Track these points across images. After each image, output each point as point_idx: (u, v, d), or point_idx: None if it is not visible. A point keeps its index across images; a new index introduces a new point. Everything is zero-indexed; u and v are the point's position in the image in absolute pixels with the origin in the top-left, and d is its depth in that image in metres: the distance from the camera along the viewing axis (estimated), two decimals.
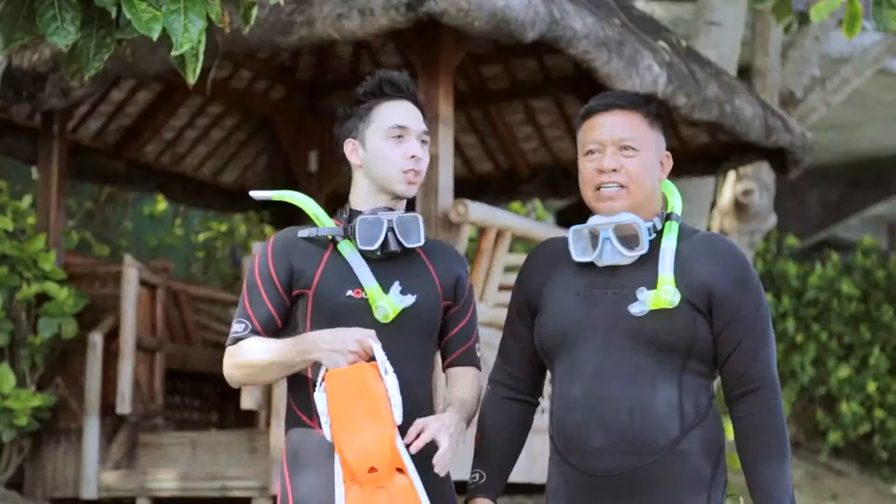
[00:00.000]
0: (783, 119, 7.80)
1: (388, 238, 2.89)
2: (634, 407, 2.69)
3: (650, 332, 2.71)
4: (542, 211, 11.59)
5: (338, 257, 2.90)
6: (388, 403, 2.68)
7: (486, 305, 6.76)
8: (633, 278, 2.75)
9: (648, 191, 2.79)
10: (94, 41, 2.98)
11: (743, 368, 2.72)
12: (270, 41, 6.16)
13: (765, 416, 2.70)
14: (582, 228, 2.80)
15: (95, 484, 6.94)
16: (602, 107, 2.82)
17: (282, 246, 2.92)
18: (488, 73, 8.44)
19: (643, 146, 2.79)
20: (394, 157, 2.93)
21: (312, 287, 2.88)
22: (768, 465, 2.68)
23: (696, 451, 2.70)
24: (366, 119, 2.96)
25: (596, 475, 2.72)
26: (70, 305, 7.02)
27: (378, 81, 2.97)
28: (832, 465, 11.65)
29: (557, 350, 2.81)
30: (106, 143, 8.52)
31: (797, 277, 11.67)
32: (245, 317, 2.90)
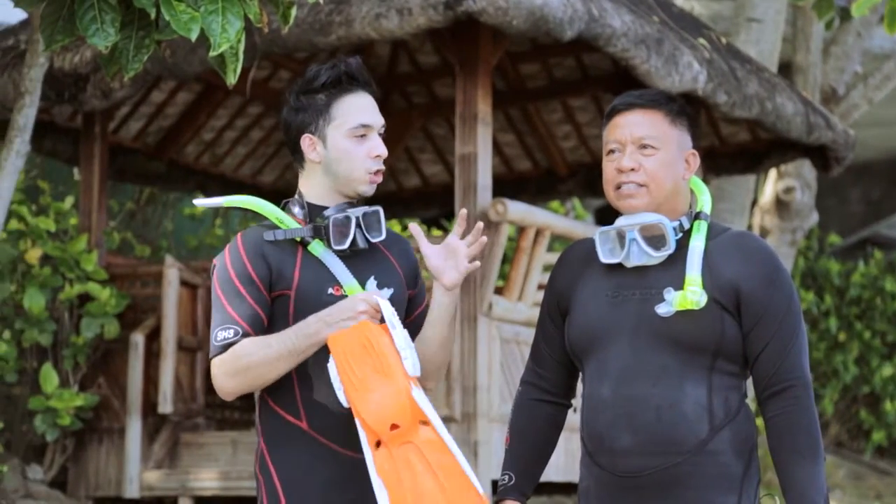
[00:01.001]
0: (825, 116, 7.74)
1: (356, 235, 2.82)
2: (662, 407, 2.68)
3: (677, 333, 2.69)
4: (581, 210, 11.56)
5: (310, 256, 2.82)
6: (398, 357, 2.63)
7: (525, 304, 6.75)
8: (660, 278, 2.74)
9: (670, 189, 2.77)
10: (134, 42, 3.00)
11: (773, 368, 2.70)
12: (309, 41, 6.18)
13: (796, 415, 2.68)
14: (609, 230, 2.80)
15: (138, 483, 6.99)
16: (623, 106, 2.81)
17: (254, 246, 2.80)
18: (526, 72, 8.42)
19: (663, 144, 2.77)
20: (359, 157, 2.83)
21: (293, 287, 2.79)
22: (800, 465, 2.65)
23: (727, 450, 2.68)
24: (325, 115, 2.83)
25: (624, 476, 2.71)
26: (112, 306, 7.07)
27: (337, 74, 2.83)
28: (876, 465, 11.54)
29: (586, 351, 2.80)
30: (146, 143, 8.57)
31: (839, 275, 11.58)
32: (230, 321, 2.75)
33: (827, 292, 11.49)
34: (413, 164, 9.57)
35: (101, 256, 7.36)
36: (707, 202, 2.86)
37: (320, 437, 2.78)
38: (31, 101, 6.19)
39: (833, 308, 11.41)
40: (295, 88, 2.89)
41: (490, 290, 6.43)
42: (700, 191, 2.90)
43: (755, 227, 9.65)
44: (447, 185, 9.29)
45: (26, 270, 7.06)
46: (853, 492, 10.59)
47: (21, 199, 7.48)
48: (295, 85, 2.90)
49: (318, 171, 2.87)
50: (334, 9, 6.08)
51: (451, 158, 9.25)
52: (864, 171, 14.08)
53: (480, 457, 6.29)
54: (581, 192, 9.29)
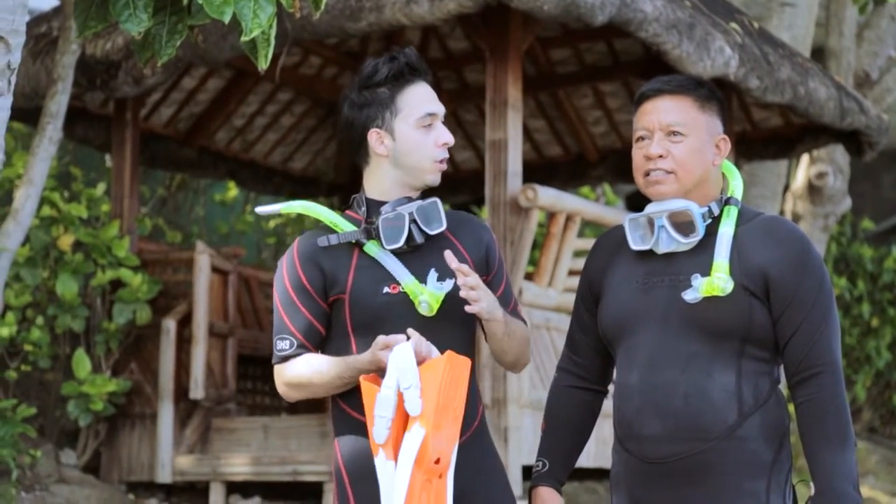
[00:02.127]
0: (858, 101, 7.68)
1: (412, 230, 2.81)
2: (689, 393, 2.67)
3: (705, 319, 2.68)
4: (612, 195, 11.52)
5: (366, 257, 2.83)
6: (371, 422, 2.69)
7: (555, 290, 6.74)
8: (689, 265, 2.73)
9: (698, 175, 2.75)
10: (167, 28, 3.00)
11: (803, 353, 2.68)
12: (339, 27, 6.17)
13: (825, 401, 2.66)
14: (638, 217, 2.79)
15: (170, 468, 7.03)
16: (651, 92, 2.80)
17: (308, 254, 2.84)
18: (557, 57, 8.39)
19: (691, 131, 2.75)
20: (428, 146, 2.85)
21: (347, 291, 2.81)
22: (829, 451, 2.64)
23: (756, 436, 2.67)
24: (391, 107, 2.84)
25: (653, 462, 2.70)
26: (144, 292, 7.11)
27: (399, 66, 2.84)
28: None
29: (617, 338, 2.80)
30: (177, 130, 8.60)
31: (872, 261, 11.50)
32: (287, 332, 2.85)
33: (860, 278, 11.41)
34: None
35: (133, 243, 7.39)
36: (738, 187, 2.84)
37: None
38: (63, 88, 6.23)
39: (866, 293, 11.34)
40: (354, 84, 2.90)
41: (520, 276, 6.42)
42: (732, 176, 2.88)
43: (787, 213, 9.59)
44: (477, 172, 9.29)
45: (59, 257, 7.11)
46: (886, 477, 10.53)
47: (53, 186, 7.52)
48: (353, 81, 2.91)
49: (384, 164, 2.88)
50: None
51: (481, 144, 9.24)
52: None
53: (511, 442, 6.29)
54: (612, 177, 9.26)
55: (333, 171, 9.36)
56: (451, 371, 2.70)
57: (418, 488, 2.63)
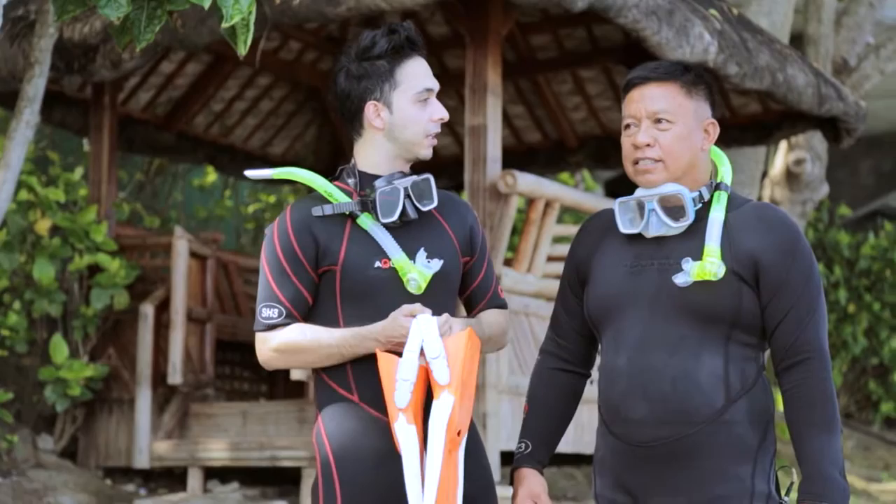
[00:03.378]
0: (836, 87, 7.70)
1: (406, 205, 2.82)
2: (677, 377, 2.68)
3: (694, 303, 2.69)
4: (591, 181, 11.53)
5: (359, 230, 2.82)
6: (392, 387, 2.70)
7: (534, 276, 6.75)
8: (679, 249, 2.73)
9: (687, 161, 2.76)
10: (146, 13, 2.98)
11: (791, 339, 2.69)
12: (319, 12, 6.15)
13: (812, 387, 2.67)
14: (628, 200, 2.79)
15: (147, 453, 7.02)
16: (638, 79, 2.79)
17: (302, 222, 2.81)
18: (537, 43, 8.39)
19: (678, 118, 2.75)
20: (423, 121, 2.85)
21: (339, 262, 2.80)
22: (816, 436, 2.65)
23: (742, 420, 2.68)
24: (390, 80, 2.83)
25: (640, 446, 2.71)
26: (122, 276, 7.08)
27: (399, 39, 2.84)
28: (884, 436, 11.55)
29: (604, 321, 2.80)
30: (156, 114, 8.56)
31: (849, 247, 11.55)
32: (275, 301, 2.80)
33: (837, 264, 11.47)
34: None
35: (111, 227, 7.37)
36: (728, 173, 2.85)
37: (371, 409, 2.80)
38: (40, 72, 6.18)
39: (843, 280, 11.40)
40: (351, 55, 2.87)
41: (499, 262, 6.43)
42: (721, 161, 2.88)
43: (765, 199, 9.63)
44: (457, 157, 9.27)
45: (36, 241, 7.07)
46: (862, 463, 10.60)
47: (31, 170, 7.48)
48: (349, 52, 2.88)
49: (378, 137, 2.87)
50: None
51: (460, 130, 9.22)
52: (875, 142, 14.03)
53: (489, 428, 6.30)
54: (590, 163, 9.26)
55: (313, 156, 9.33)
56: (471, 348, 2.72)
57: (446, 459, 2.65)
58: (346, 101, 2.87)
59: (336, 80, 2.88)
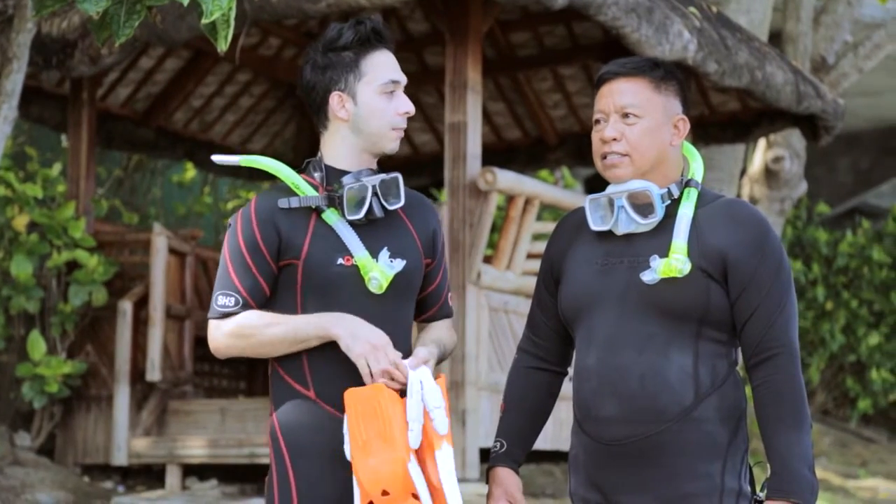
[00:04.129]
0: (815, 85, 7.73)
1: (372, 203, 2.79)
2: (646, 374, 2.68)
3: (662, 300, 2.69)
4: (571, 179, 11.55)
5: (323, 225, 2.79)
6: (405, 427, 2.66)
7: (513, 273, 6.75)
8: (648, 246, 2.73)
9: (654, 157, 2.76)
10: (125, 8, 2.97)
11: (759, 335, 2.69)
12: (299, 8, 6.14)
13: (781, 383, 2.67)
14: (599, 197, 2.79)
15: (125, 450, 7.00)
16: (608, 75, 2.80)
17: (266, 213, 2.78)
18: (517, 40, 8.39)
19: (645, 112, 2.75)
20: (388, 113, 2.82)
21: (302, 256, 2.77)
22: (784, 432, 2.65)
23: (712, 417, 2.68)
24: (355, 71, 2.80)
25: (610, 444, 2.71)
26: (100, 273, 7.06)
27: (365, 31, 2.80)
28: (861, 433, 11.61)
29: (576, 319, 2.81)
30: (134, 110, 8.53)
31: (827, 245, 11.60)
32: (233, 289, 2.77)
33: (815, 261, 11.52)
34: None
35: (89, 224, 7.34)
36: (699, 169, 2.84)
37: (327, 405, 2.78)
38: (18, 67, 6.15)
39: (820, 277, 11.44)
40: (318, 46, 2.84)
41: (479, 259, 6.43)
42: (692, 158, 2.88)
43: (744, 197, 9.66)
44: (437, 154, 9.27)
45: (13, 237, 7.04)
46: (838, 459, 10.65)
47: (8, 166, 7.45)
48: (316, 43, 2.86)
49: (343, 129, 2.84)
50: None
51: (440, 127, 9.22)
52: (853, 140, 14.09)
53: (468, 425, 6.31)
54: (570, 161, 9.27)
55: (293, 153, 9.32)
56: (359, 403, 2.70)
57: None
58: (312, 92, 2.85)
59: (302, 71, 2.86)
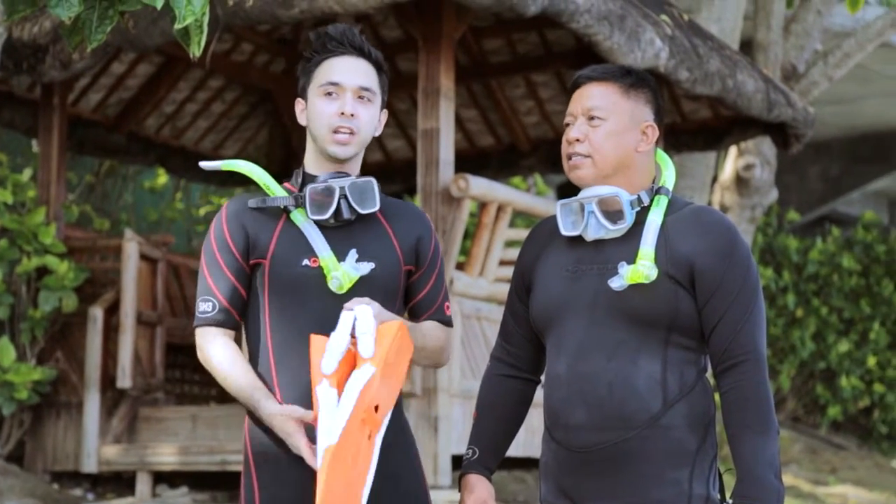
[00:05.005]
0: (785, 93, 7.78)
1: (341, 205, 2.80)
2: (614, 382, 2.69)
3: (631, 307, 2.70)
4: (543, 185, 11.57)
5: (292, 226, 2.82)
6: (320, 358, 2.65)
7: (486, 280, 6.76)
8: (617, 253, 2.74)
9: (617, 160, 2.77)
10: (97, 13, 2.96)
11: (727, 342, 2.70)
12: (272, 14, 6.13)
13: (748, 389, 2.67)
14: (570, 202, 2.80)
15: (96, 458, 6.96)
16: (581, 80, 2.83)
17: (235, 214, 2.83)
18: (490, 47, 8.40)
19: (610, 115, 2.77)
20: (325, 114, 2.82)
21: (268, 256, 2.80)
22: (750, 438, 2.66)
23: (681, 424, 2.69)
24: (310, 76, 2.87)
25: (579, 451, 2.72)
26: (70, 279, 7.02)
27: (320, 38, 2.86)
28: (832, 440, 11.67)
29: (547, 326, 2.81)
30: (106, 115, 8.49)
31: (798, 252, 11.67)
32: (210, 294, 2.81)
33: (785, 269, 11.58)
34: (375, 139, 9.51)
35: (60, 229, 7.30)
36: (670, 177, 2.86)
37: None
38: None
39: (791, 284, 11.51)
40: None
41: (451, 266, 6.43)
42: (665, 165, 2.90)
43: (715, 204, 9.70)
44: (409, 160, 9.28)
45: None
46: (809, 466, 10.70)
47: None
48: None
49: (309, 136, 2.89)
50: None
51: (413, 133, 9.23)
52: (823, 148, 14.18)
53: (440, 432, 6.31)
54: (543, 167, 9.29)
55: (266, 159, 9.30)
56: (401, 339, 2.71)
57: (356, 426, 2.61)
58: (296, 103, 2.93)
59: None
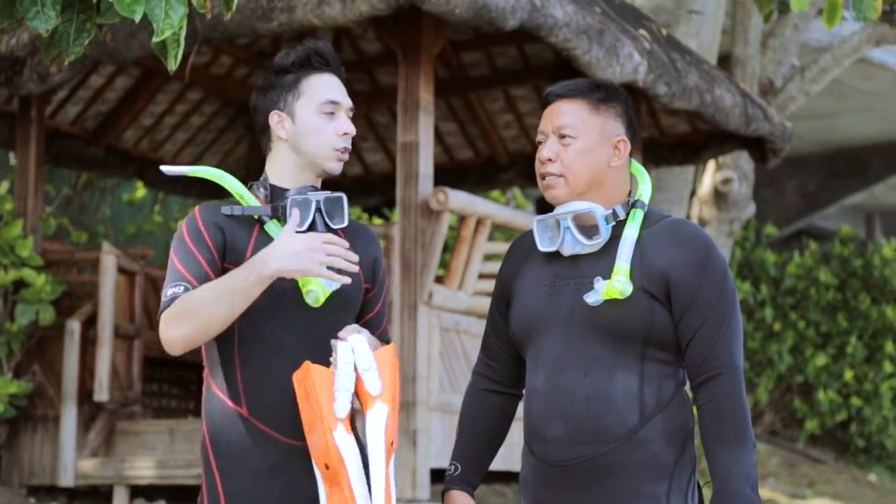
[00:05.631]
0: (763, 108, 7.82)
1: (316, 219, 2.81)
2: (591, 396, 2.69)
3: (607, 322, 2.71)
4: (522, 199, 11.59)
5: (266, 236, 2.80)
6: (331, 397, 2.66)
7: (465, 294, 6.76)
8: (593, 268, 2.75)
9: (590, 177, 2.78)
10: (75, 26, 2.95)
11: (702, 355, 2.70)
12: (250, 27, 6.13)
13: (723, 402, 2.68)
14: (546, 218, 2.81)
15: (72, 471, 6.92)
16: (551, 96, 2.84)
17: (210, 215, 2.80)
18: (469, 61, 8.42)
19: (580, 133, 2.78)
20: (327, 133, 2.84)
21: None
22: (726, 452, 2.67)
23: (658, 438, 2.70)
24: (294, 91, 2.85)
25: (557, 465, 2.72)
26: (47, 292, 6.99)
27: (307, 53, 2.86)
28: (809, 453, 11.71)
29: (526, 341, 2.82)
30: (84, 128, 8.47)
31: (775, 266, 11.72)
32: (180, 278, 2.73)
33: (763, 282, 11.62)
34: (354, 152, 9.54)
35: (37, 242, 7.27)
36: (646, 191, 2.86)
37: (260, 423, 2.78)
38: None
39: (769, 298, 11.55)
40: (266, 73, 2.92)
41: (430, 279, 6.43)
42: (641, 178, 2.90)
43: (693, 218, 9.73)
44: (388, 174, 9.28)
45: None
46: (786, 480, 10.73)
47: None
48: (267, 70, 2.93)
49: (285, 149, 2.87)
50: None
51: (392, 146, 9.23)
52: (801, 163, 14.25)
53: (419, 445, 6.30)
54: (522, 181, 9.31)
55: (244, 171, 9.29)
56: (396, 363, 2.75)
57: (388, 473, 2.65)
58: (256, 114, 2.91)
59: (252, 97, 2.93)
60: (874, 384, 11.77)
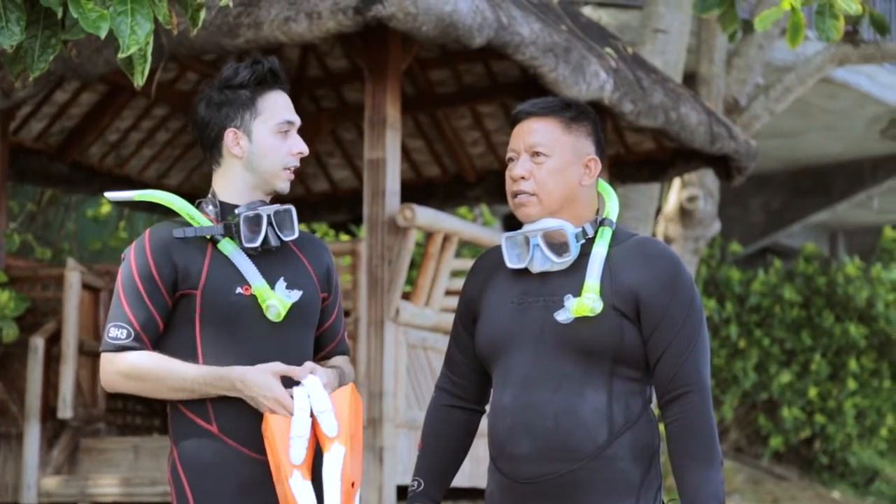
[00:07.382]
0: (727, 126, 7.87)
1: (268, 233, 2.81)
2: (560, 413, 2.70)
3: (577, 339, 2.71)
4: (489, 216, 11.61)
5: (220, 255, 2.80)
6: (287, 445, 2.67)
7: (432, 310, 6.77)
8: (562, 285, 2.75)
9: (562, 196, 2.79)
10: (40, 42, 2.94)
11: (671, 373, 2.72)
12: (217, 43, 6.13)
13: (692, 420, 2.70)
14: (515, 235, 2.81)
15: (36, 490, 6.86)
16: (521, 114, 2.84)
17: (161, 245, 2.78)
18: (436, 78, 8.44)
19: (553, 151, 2.78)
20: (282, 153, 2.83)
21: (200, 287, 2.77)
22: (695, 469, 2.68)
23: (626, 456, 2.70)
24: (252, 109, 2.83)
25: (524, 482, 2.72)
26: (11, 308, 6.94)
27: (262, 70, 2.85)
28: (773, 470, 11.76)
29: (492, 358, 2.82)
30: (49, 144, 8.43)
31: (740, 283, 11.78)
32: (124, 320, 2.75)
33: (728, 300, 11.68)
34: (322, 169, 9.53)
35: (1, 258, 7.22)
36: (614, 209, 2.88)
37: (230, 440, 2.77)
38: None
39: (734, 315, 11.60)
40: (214, 84, 2.87)
41: (397, 296, 6.43)
42: (608, 197, 2.92)
43: (659, 235, 9.78)
44: (356, 190, 9.27)
45: None
46: (751, 496, 10.77)
47: None
48: (212, 82, 2.89)
49: (237, 166, 2.86)
50: (243, 11, 6.03)
51: (359, 163, 9.23)
52: (765, 181, 14.35)
53: (385, 462, 6.29)
54: (489, 198, 9.33)
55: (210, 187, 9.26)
56: (355, 402, 2.75)
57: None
58: (206, 128, 2.87)
59: (196, 108, 2.89)
60: (838, 401, 11.85)
